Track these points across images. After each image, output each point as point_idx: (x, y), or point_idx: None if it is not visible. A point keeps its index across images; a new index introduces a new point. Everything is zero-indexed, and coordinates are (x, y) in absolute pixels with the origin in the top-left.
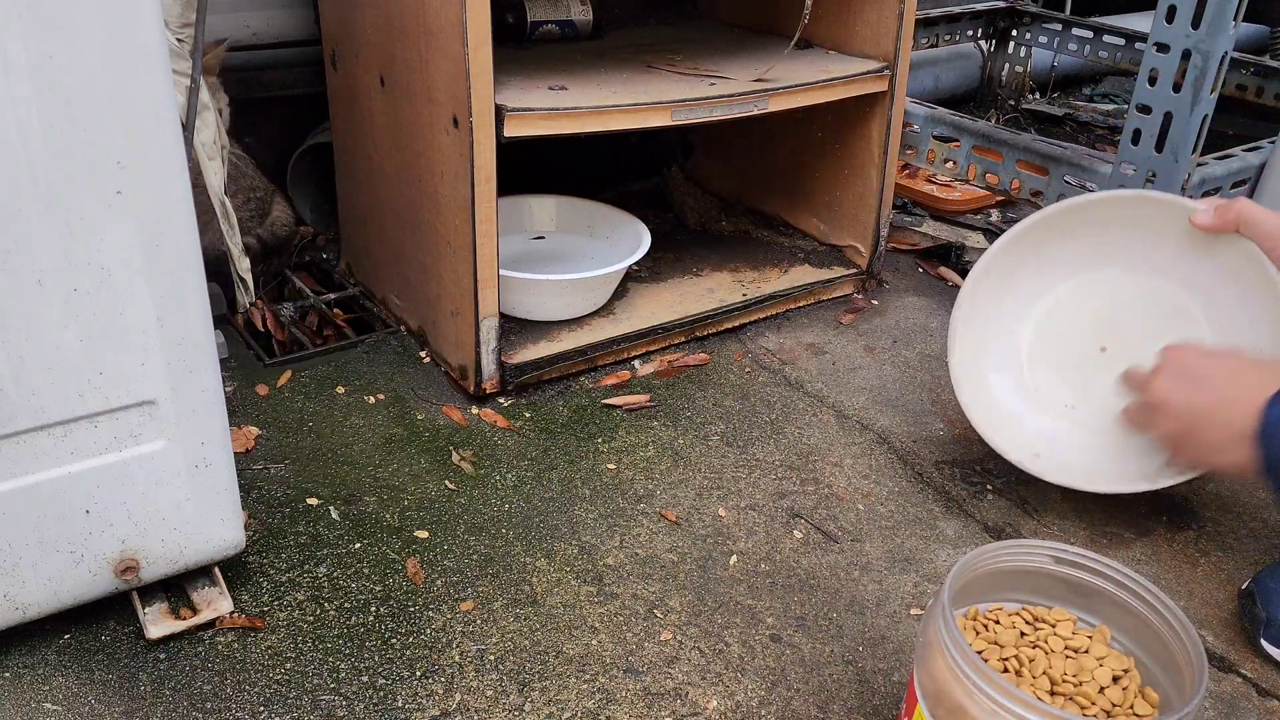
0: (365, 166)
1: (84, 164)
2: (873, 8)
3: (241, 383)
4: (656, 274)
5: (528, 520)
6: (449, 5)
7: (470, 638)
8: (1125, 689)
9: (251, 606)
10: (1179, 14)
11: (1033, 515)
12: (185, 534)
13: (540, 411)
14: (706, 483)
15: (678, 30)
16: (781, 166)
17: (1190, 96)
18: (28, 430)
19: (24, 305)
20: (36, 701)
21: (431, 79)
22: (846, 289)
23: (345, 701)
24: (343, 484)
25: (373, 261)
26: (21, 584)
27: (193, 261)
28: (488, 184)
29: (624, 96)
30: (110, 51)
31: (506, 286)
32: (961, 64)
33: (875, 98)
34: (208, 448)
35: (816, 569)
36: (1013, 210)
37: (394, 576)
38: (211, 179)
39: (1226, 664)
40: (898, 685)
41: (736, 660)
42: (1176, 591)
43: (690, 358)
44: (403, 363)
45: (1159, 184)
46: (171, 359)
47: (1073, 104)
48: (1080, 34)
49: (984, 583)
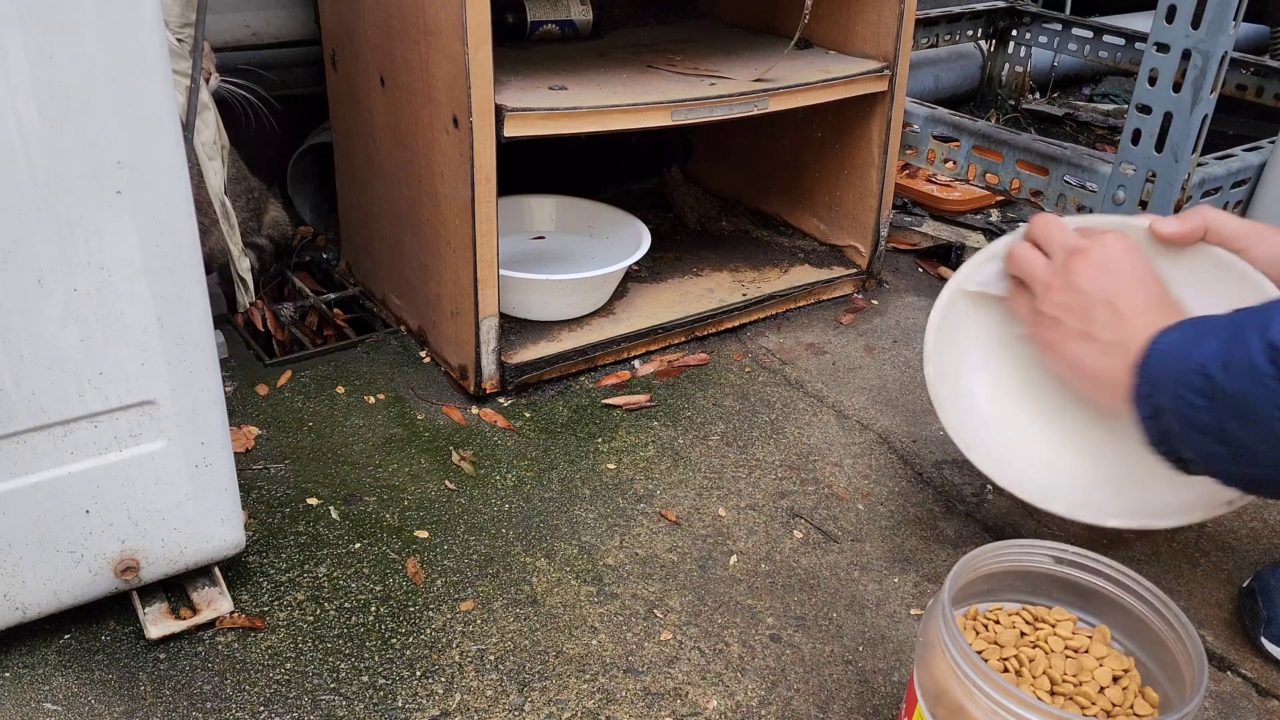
0: (365, 166)
1: (84, 164)
2: (873, 8)
3: (241, 383)
4: (656, 274)
5: (528, 520)
6: (449, 5)
7: (470, 638)
8: (1125, 689)
9: (251, 606)
10: (1179, 14)
11: (1033, 515)
12: (185, 534)
13: (540, 411)
14: (706, 483)
15: (678, 30)
16: (781, 166)
17: (1190, 96)
18: (28, 430)
19: (24, 305)
20: (36, 701)
21: (431, 79)
22: (846, 289)
23: (345, 701)
24: (343, 484)
25: (373, 261)
26: (21, 584)
27: (193, 261)
28: (488, 184)
29: (624, 96)
30: (110, 51)
31: (506, 286)
32: (961, 64)
33: (875, 98)
34: (208, 448)
35: (816, 569)
36: (1013, 210)
37: (394, 576)
38: (211, 179)
39: (1226, 663)
40: (898, 685)
41: (736, 660)
42: (1176, 591)
43: (690, 358)
44: (403, 363)
45: (1159, 184)
46: (171, 359)
47: (1073, 104)
48: (1080, 34)
49: (984, 583)
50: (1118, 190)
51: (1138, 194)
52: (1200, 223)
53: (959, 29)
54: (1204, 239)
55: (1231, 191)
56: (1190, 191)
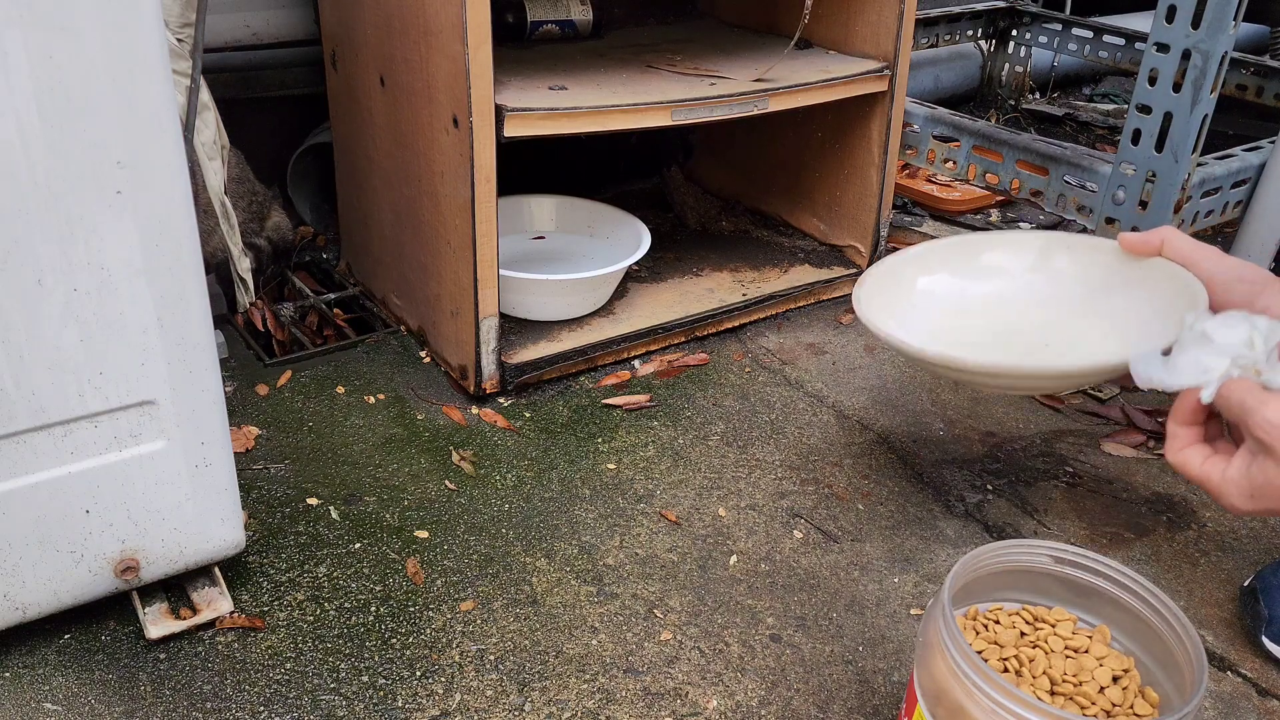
0: (365, 166)
1: (84, 164)
2: (873, 8)
3: (241, 383)
4: (656, 274)
5: (528, 520)
6: (449, 5)
7: (470, 638)
8: (1125, 689)
9: (251, 606)
10: (1179, 14)
11: (1033, 515)
12: (185, 534)
13: (540, 411)
14: (706, 483)
15: (678, 30)
16: (781, 166)
17: (1190, 96)
18: (28, 430)
19: (24, 305)
20: (36, 701)
21: (431, 79)
22: (846, 289)
23: (345, 701)
24: (343, 484)
25: (372, 261)
26: (21, 584)
27: (193, 261)
28: (488, 184)
29: (624, 96)
30: (110, 51)
31: (506, 286)
32: (961, 64)
33: (875, 98)
34: (208, 448)
35: (816, 569)
36: (1013, 210)
37: (394, 576)
38: (211, 179)
39: (1226, 663)
40: (898, 685)
41: (736, 660)
42: (1176, 591)
43: (690, 358)
44: (403, 363)
45: (1159, 184)
46: (171, 359)
47: (1073, 104)
48: (1080, 34)
49: (984, 583)
50: (1117, 190)
51: (1138, 194)
52: (1158, 240)
53: (959, 29)
54: (1160, 252)
55: (1231, 191)
56: (1190, 191)
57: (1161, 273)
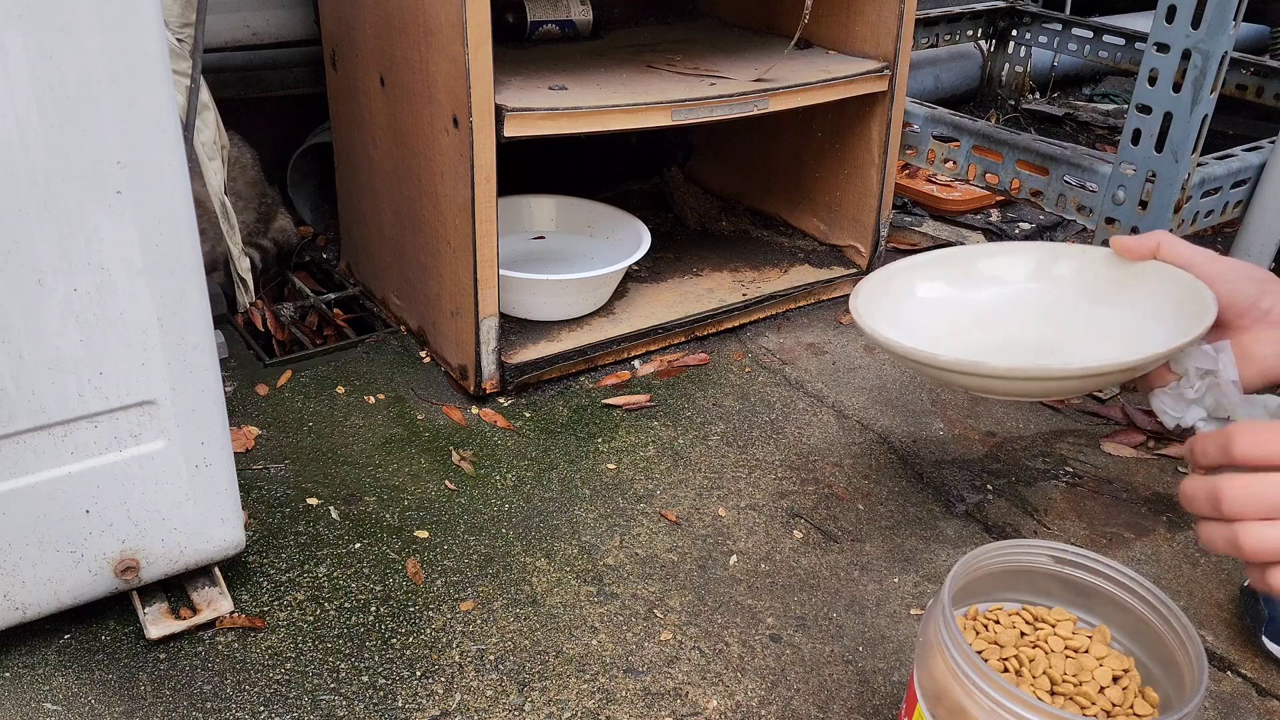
0: (365, 166)
1: (84, 164)
2: (873, 8)
3: (241, 383)
4: (656, 274)
5: (528, 520)
6: (449, 5)
7: (470, 638)
8: (1125, 689)
9: (251, 606)
10: (1179, 14)
11: (1033, 515)
12: (185, 534)
13: (540, 411)
14: (706, 483)
15: (678, 30)
16: (781, 166)
17: (1190, 96)
18: (28, 430)
19: (24, 305)
20: (36, 701)
21: (431, 79)
22: (846, 289)
23: (345, 701)
24: (343, 484)
25: (372, 262)
26: (21, 584)
27: (193, 261)
28: (488, 184)
29: (624, 96)
30: (110, 51)
31: (506, 286)
32: (961, 64)
33: (875, 98)
34: (208, 448)
35: (816, 569)
36: (1013, 210)
37: (394, 576)
38: (211, 179)
39: (1226, 663)
40: (898, 685)
41: (736, 660)
42: (1176, 591)
43: (690, 358)
44: (403, 363)
45: (1159, 184)
46: (171, 359)
47: (1073, 104)
48: (1080, 34)
49: (984, 583)
50: (1117, 190)
51: (1138, 194)
52: (1155, 243)
53: (959, 29)
54: (1156, 256)
55: (1231, 191)
56: (1190, 191)
57: (1162, 276)
